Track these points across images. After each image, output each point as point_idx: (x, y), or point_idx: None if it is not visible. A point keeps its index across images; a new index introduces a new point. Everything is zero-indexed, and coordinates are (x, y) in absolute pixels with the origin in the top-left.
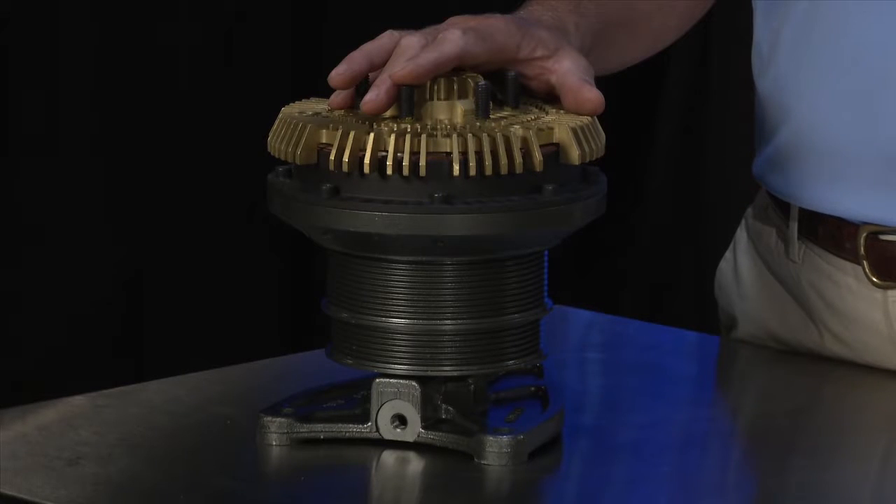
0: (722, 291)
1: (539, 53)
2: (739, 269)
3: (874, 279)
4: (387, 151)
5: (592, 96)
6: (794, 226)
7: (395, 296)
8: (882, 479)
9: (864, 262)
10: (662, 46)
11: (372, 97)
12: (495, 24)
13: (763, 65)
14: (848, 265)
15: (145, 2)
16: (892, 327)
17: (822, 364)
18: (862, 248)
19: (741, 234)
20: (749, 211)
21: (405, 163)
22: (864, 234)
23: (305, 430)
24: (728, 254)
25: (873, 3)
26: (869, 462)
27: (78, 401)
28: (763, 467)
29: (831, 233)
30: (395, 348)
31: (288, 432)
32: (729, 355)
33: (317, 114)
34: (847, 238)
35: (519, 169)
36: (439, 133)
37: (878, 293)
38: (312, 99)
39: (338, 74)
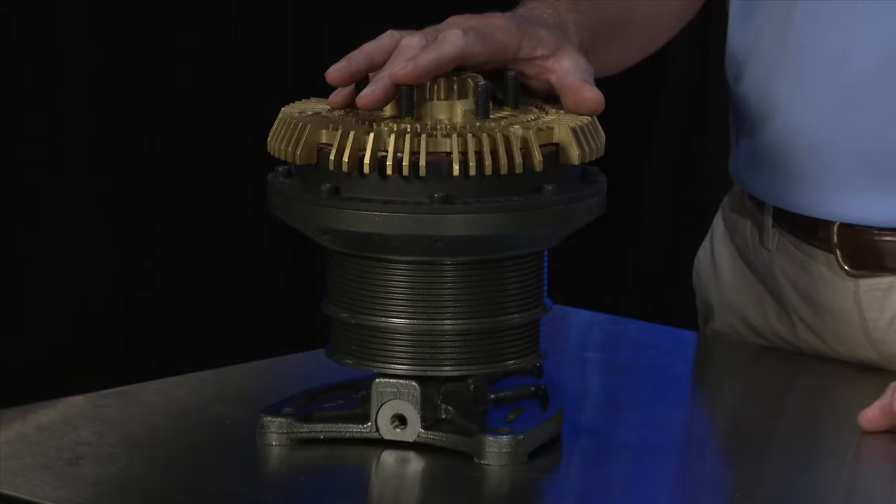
0: (700, 280)
1: (539, 53)
2: (716, 258)
3: (846, 268)
4: (387, 151)
5: (592, 96)
6: (769, 217)
7: (395, 296)
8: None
9: (837, 251)
10: (654, 48)
11: (367, 92)
12: (495, 24)
13: (739, 68)
14: (821, 254)
15: (145, 2)
16: (864, 316)
17: (824, 364)
18: (835, 237)
19: (718, 224)
20: (725, 200)
21: (405, 163)
22: (837, 224)
23: (305, 430)
24: (705, 243)
25: (849, 7)
26: (877, 460)
27: (78, 401)
28: (763, 466)
29: (804, 222)
30: (395, 348)
31: (288, 432)
32: (729, 356)
33: (317, 114)
34: (820, 227)
35: (519, 169)
36: (439, 133)
37: (851, 282)
38: (312, 99)
39: (335, 70)
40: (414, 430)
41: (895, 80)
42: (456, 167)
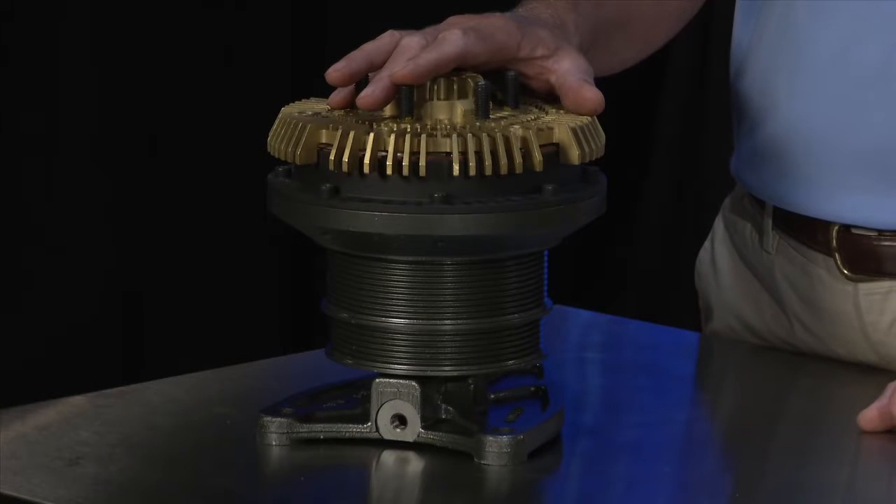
0: (700, 281)
1: (539, 53)
2: (716, 259)
3: (845, 272)
4: (387, 151)
5: (592, 96)
6: (769, 219)
7: (395, 296)
8: (890, 482)
9: (836, 255)
10: (653, 49)
11: (368, 92)
12: (495, 24)
13: (741, 65)
14: (820, 257)
15: (145, 1)
16: (863, 320)
17: (824, 364)
18: (834, 241)
19: (718, 225)
20: (726, 202)
21: (405, 163)
22: (836, 228)
23: (305, 430)
24: (707, 243)
25: (850, 6)
26: (877, 460)
27: (78, 401)
28: (763, 466)
29: (804, 225)
30: (395, 348)
31: (288, 432)
32: (729, 355)
33: (317, 114)
34: (819, 230)
35: (519, 169)
36: (439, 133)
37: (850, 286)
38: (312, 99)
39: (335, 71)
40: (414, 430)
41: (895, 79)
42: (456, 167)
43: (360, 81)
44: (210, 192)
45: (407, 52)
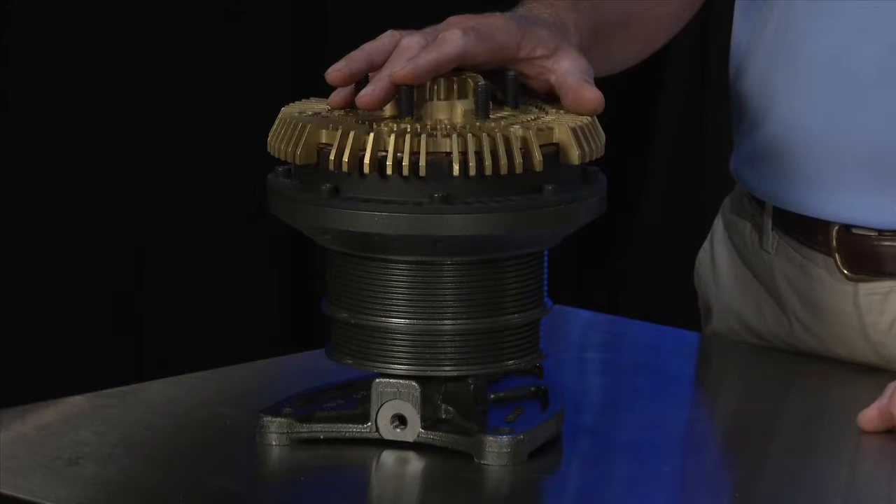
0: (700, 281)
1: (539, 53)
2: (716, 259)
3: (845, 272)
4: (386, 151)
5: (592, 96)
6: (769, 219)
7: (395, 296)
8: (891, 482)
9: (836, 255)
10: (653, 49)
11: (367, 91)
12: (495, 24)
13: (741, 64)
14: (820, 257)
15: (145, 1)
16: (863, 320)
17: (824, 364)
18: (833, 241)
19: (718, 225)
20: (726, 202)
21: (405, 163)
22: (836, 228)
23: (305, 430)
24: (706, 244)
25: (849, 5)
26: (877, 460)
27: (78, 401)
28: (763, 466)
29: (804, 225)
30: (395, 348)
31: (288, 432)
32: (729, 355)
33: (317, 114)
34: (819, 230)
35: (519, 169)
36: (439, 133)
37: (850, 286)
38: (312, 99)
39: (335, 71)
40: (414, 430)
41: (894, 80)
42: (456, 167)
43: (360, 81)
44: (210, 192)
45: (407, 52)
